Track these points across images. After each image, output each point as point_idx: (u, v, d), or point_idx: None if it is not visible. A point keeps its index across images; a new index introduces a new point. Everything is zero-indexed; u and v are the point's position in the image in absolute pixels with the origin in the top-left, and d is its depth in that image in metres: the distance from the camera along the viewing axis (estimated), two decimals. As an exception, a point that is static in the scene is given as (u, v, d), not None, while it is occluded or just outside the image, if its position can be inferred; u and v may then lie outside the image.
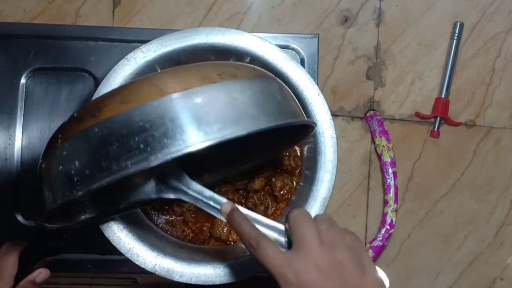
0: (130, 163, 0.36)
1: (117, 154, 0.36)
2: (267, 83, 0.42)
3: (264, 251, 0.40)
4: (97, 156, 0.37)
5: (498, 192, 0.87)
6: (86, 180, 0.37)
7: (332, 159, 0.58)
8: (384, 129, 0.83)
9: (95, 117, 0.37)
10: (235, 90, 0.39)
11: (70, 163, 0.38)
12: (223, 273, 0.56)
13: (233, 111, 0.38)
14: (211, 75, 0.39)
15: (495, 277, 0.87)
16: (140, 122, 0.36)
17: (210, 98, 0.38)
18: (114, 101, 0.37)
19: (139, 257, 0.56)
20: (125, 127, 0.36)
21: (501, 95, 0.87)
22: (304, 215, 0.42)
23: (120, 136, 0.36)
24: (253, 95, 0.40)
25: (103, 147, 0.37)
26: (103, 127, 0.37)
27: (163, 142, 0.36)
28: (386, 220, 0.81)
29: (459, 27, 0.85)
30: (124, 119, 0.36)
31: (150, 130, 0.36)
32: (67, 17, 0.83)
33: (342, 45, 0.86)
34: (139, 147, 0.36)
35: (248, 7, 0.85)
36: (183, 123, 0.36)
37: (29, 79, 0.70)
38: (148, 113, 0.36)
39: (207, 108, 0.37)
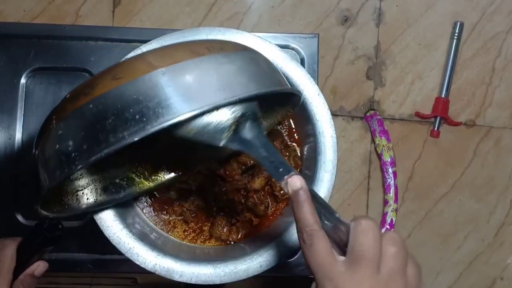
0: (127, 134, 0.37)
1: (113, 126, 0.37)
2: (253, 55, 0.44)
3: (313, 253, 0.36)
4: (93, 131, 0.38)
5: (498, 192, 0.87)
6: (84, 154, 0.38)
7: (332, 159, 0.58)
8: (384, 129, 0.83)
9: (89, 95, 0.38)
10: (224, 61, 0.40)
11: (66, 141, 0.39)
12: (223, 273, 0.56)
13: (224, 80, 0.39)
14: (199, 49, 0.40)
15: (495, 277, 0.87)
16: (134, 95, 0.37)
17: (201, 69, 0.39)
18: (106, 79, 0.38)
19: (139, 256, 0.56)
20: (119, 101, 0.37)
21: (501, 95, 0.87)
22: (373, 229, 0.36)
23: (115, 110, 0.37)
24: (241, 65, 0.41)
25: (99, 121, 0.38)
26: (97, 103, 0.38)
27: (158, 111, 0.37)
28: (386, 220, 0.81)
29: (459, 27, 0.85)
30: (118, 94, 0.38)
31: (144, 101, 0.37)
32: (67, 17, 0.83)
33: (342, 45, 0.86)
34: (134, 118, 0.37)
35: (248, 7, 0.85)
36: (175, 93, 0.37)
37: (29, 79, 0.70)
38: (141, 86, 0.37)
39: (197, 79, 0.38)
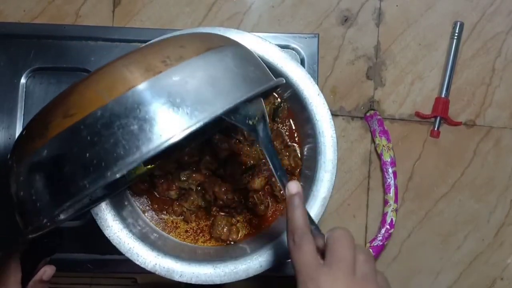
0: (87, 182, 0.33)
1: (72, 175, 0.34)
2: (219, 56, 0.39)
3: (301, 253, 0.39)
4: (52, 180, 0.35)
5: (498, 192, 0.87)
6: (48, 206, 0.35)
7: (332, 159, 0.58)
8: (384, 129, 0.83)
9: (43, 137, 0.35)
10: (184, 75, 0.36)
11: (28, 188, 0.36)
12: (223, 273, 0.56)
13: (183, 102, 0.35)
14: (154, 64, 0.36)
15: (495, 277, 0.87)
16: (88, 136, 0.34)
17: (155, 94, 0.34)
18: (57, 116, 0.35)
19: (139, 257, 0.56)
20: (73, 144, 0.34)
21: (501, 95, 0.87)
22: (347, 237, 0.41)
23: (70, 155, 0.34)
24: (204, 75, 0.36)
25: (56, 169, 0.34)
26: (52, 148, 0.34)
27: (116, 153, 0.33)
28: (386, 220, 0.81)
29: (459, 27, 0.85)
30: (71, 136, 0.34)
31: (99, 143, 0.34)
32: (67, 17, 0.83)
33: (342, 45, 0.86)
34: (92, 163, 0.33)
35: (248, 7, 0.85)
36: (134, 128, 0.34)
37: (29, 79, 0.70)
38: (93, 124, 0.34)
39: (153, 106, 0.34)
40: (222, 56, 0.39)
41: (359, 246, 0.41)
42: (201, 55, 0.37)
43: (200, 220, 0.64)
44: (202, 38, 0.41)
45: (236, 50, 0.41)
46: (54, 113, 0.35)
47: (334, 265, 0.39)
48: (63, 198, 0.34)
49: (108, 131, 0.33)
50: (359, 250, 0.41)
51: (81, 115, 0.34)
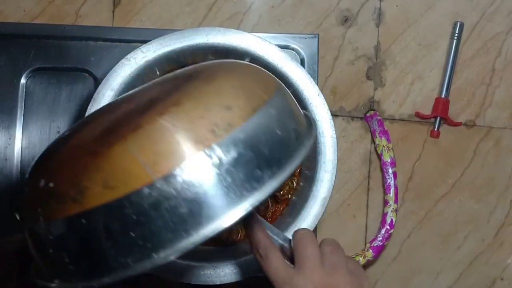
0: (131, 261, 0.31)
1: (113, 249, 0.31)
2: (265, 119, 0.35)
3: (270, 263, 0.42)
4: (89, 249, 0.32)
5: (498, 192, 0.87)
6: (83, 273, 0.33)
7: (332, 159, 0.59)
8: (384, 129, 0.83)
9: (78, 203, 0.31)
10: (232, 148, 0.32)
11: (60, 249, 0.33)
12: (223, 273, 0.56)
13: (233, 181, 0.32)
14: (203, 135, 0.32)
15: (495, 277, 0.87)
16: (133, 215, 0.30)
17: (206, 172, 0.31)
18: (95, 183, 0.31)
19: (139, 257, 0.56)
20: (116, 221, 0.31)
21: (501, 95, 0.87)
22: (308, 236, 0.43)
23: (112, 231, 0.31)
24: (252, 147, 0.33)
25: (94, 241, 0.31)
26: (91, 219, 0.31)
27: (164, 236, 0.31)
28: (386, 220, 0.81)
29: (459, 27, 0.85)
30: (114, 211, 0.31)
31: (146, 223, 0.30)
32: (67, 17, 0.83)
33: (342, 45, 0.86)
34: (137, 243, 0.31)
35: (248, 7, 0.85)
36: (183, 211, 0.31)
37: (29, 79, 0.70)
38: (140, 203, 0.30)
39: (203, 186, 0.31)
40: (267, 117, 0.35)
41: (325, 240, 0.44)
42: (249, 120, 0.34)
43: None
44: (245, 88, 0.37)
45: (277, 103, 0.37)
46: (90, 177, 0.31)
47: (302, 265, 0.41)
48: (103, 271, 0.32)
49: (155, 212, 0.31)
50: (325, 243, 0.43)
51: (124, 190, 0.31)
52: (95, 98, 0.58)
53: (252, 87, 0.37)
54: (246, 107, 0.34)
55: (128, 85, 0.59)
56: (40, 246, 0.35)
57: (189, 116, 0.33)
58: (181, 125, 0.32)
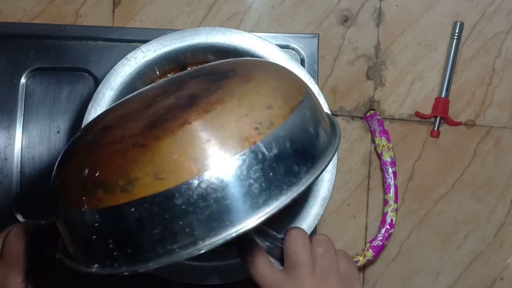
0: (177, 247, 0.33)
1: (161, 237, 0.33)
2: (301, 117, 0.37)
3: (257, 268, 0.41)
4: (137, 236, 0.33)
5: (498, 192, 0.87)
6: (129, 258, 0.34)
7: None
8: (384, 129, 0.83)
9: (128, 193, 0.33)
10: (274, 145, 0.34)
11: (105, 236, 0.34)
12: (223, 273, 0.56)
13: (275, 175, 0.34)
14: (249, 133, 0.34)
15: (495, 277, 0.87)
16: (183, 206, 0.32)
17: (253, 165, 0.33)
18: (146, 174, 0.33)
19: (139, 257, 0.56)
20: (166, 210, 0.33)
21: (501, 95, 0.87)
22: (301, 237, 0.41)
23: (161, 219, 0.33)
24: (290, 144, 0.35)
25: (143, 228, 0.33)
26: (141, 208, 0.33)
27: (210, 225, 0.33)
28: (386, 220, 0.81)
29: (459, 27, 0.85)
30: (164, 201, 0.32)
31: (194, 213, 0.33)
32: (67, 17, 0.83)
33: (342, 45, 0.86)
34: (184, 231, 0.33)
35: (248, 7, 0.85)
36: (229, 202, 0.33)
37: (29, 79, 0.70)
38: (190, 194, 0.32)
39: (250, 179, 0.33)
40: (302, 117, 0.37)
41: (316, 238, 0.42)
42: (287, 119, 0.36)
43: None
44: (282, 88, 0.39)
45: (310, 104, 0.39)
46: (140, 168, 0.33)
47: (292, 269, 0.40)
48: (149, 257, 0.33)
49: (203, 202, 0.32)
50: (316, 242, 0.42)
51: (175, 181, 0.32)
52: (95, 98, 0.58)
53: (287, 88, 0.39)
54: (284, 107, 0.36)
55: (128, 84, 0.59)
56: (80, 232, 0.36)
57: (235, 114, 0.35)
58: (227, 122, 0.34)
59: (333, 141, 0.40)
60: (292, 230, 0.42)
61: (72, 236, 0.37)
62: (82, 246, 0.37)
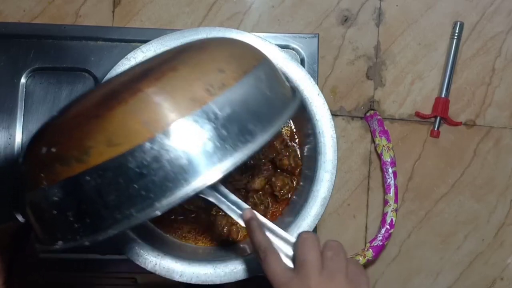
0: (135, 211, 0.33)
1: (117, 202, 0.33)
2: (255, 79, 0.38)
3: (269, 264, 0.43)
4: (94, 205, 0.34)
5: (498, 192, 0.87)
6: (88, 228, 0.34)
7: (332, 159, 0.58)
8: (384, 129, 0.83)
9: (83, 162, 0.33)
10: (226, 105, 0.35)
11: (65, 209, 0.35)
12: (223, 273, 0.56)
13: (228, 133, 0.34)
14: (199, 93, 0.35)
15: (495, 277, 0.87)
16: (137, 168, 0.33)
17: (205, 125, 0.34)
18: (99, 142, 0.33)
19: (139, 257, 0.56)
20: (120, 175, 0.33)
21: (501, 95, 0.87)
22: (311, 239, 0.43)
23: (116, 185, 0.33)
24: (244, 104, 0.36)
25: (99, 196, 0.33)
26: (95, 176, 0.33)
27: (166, 186, 0.33)
28: (386, 220, 0.81)
29: (459, 27, 0.85)
30: (118, 166, 0.33)
31: (148, 175, 0.33)
32: (67, 17, 0.83)
33: (342, 45, 0.86)
34: (140, 194, 0.33)
35: (248, 7, 0.85)
36: (183, 162, 0.33)
37: (29, 79, 0.70)
38: (142, 157, 0.33)
39: (203, 138, 0.34)
40: (256, 79, 0.38)
41: (328, 242, 0.44)
42: (240, 81, 0.37)
43: (200, 220, 0.64)
44: (235, 55, 0.40)
45: (265, 69, 0.40)
46: (93, 138, 0.34)
47: (301, 269, 0.42)
48: (108, 224, 0.34)
49: (157, 164, 0.33)
50: (327, 247, 0.43)
51: (128, 145, 0.33)
52: (95, 98, 0.58)
53: (242, 55, 0.41)
54: (237, 70, 0.37)
55: (128, 85, 0.59)
56: (42, 211, 0.37)
57: (186, 79, 0.35)
58: (178, 86, 0.35)
59: (292, 104, 0.41)
60: (303, 233, 0.44)
61: (37, 218, 0.38)
62: (46, 226, 0.38)
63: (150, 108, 0.34)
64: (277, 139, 0.63)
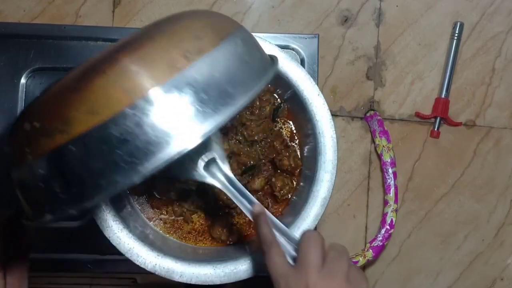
0: (119, 177, 0.34)
1: (102, 170, 0.34)
2: (232, 45, 0.39)
3: (271, 256, 0.44)
4: (79, 174, 0.35)
5: (498, 192, 0.87)
6: (75, 198, 0.35)
7: (332, 159, 0.58)
8: (384, 129, 0.83)
9: (66, 133, 0.34)
10: (205, 70, 0.36)
11: (51, 181, 0.36)
12: (223, 273, 0.56)
13: (209, 97, 0.35)
14: (177, 60, 0.36)
15: (495, 277, 0.87)
16: (119, 135, 0.34)
17: (183, 90, 0.35)
18: (81, 112, 0.34)
19: (139, 257, 0.56)
20: (103, 142, 0.34)
21: (501, 95, 0.87)
22: (315, 238, 0.44)
23: (100, 152, 0.34)
24: (222, 69, 0.37)
25: (83, 164, 0.34)
26: (79, 145, 0.34)
27: (149, 150, 0.34)
28: (386, 220, 0.81)
29: (459, 27, 0.85)
30: (100, 134, 0.34)
31: (131, 141, 0.33)
32: (67, 17, 0.83)
33: (342, 45, 0.86)
34: (124, 160, 0.34)
35: (248, 7, 0.85)
36: (165, 126, 0.34)
37: (29, 79, 0.70)
38: (125, 124, 0.34)
39: (184, 102, 0.35)
40: (234, 45, 0.39)
41: (334, 245, 0.45)
42: (217, 47, 0.38)
43: (200, 221, 0.64)
44: (212, 24, 0.41)
45: (241, 36, 0.41)
46: (75, 109, 0.35)
47: (301, 264, 0.43)
48: (94, 192, 0.35)
49: (139, 129, 0.34)
50: (332, 248, 0.44)
51: (109, 113, 0.34)
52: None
53: (218, 23, 0.42)
54: (214, 37, 0.38)
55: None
56: (29, 185, 0.38)
57: (163, 47, 0.36)
58: (156, 54, 0.36)
59: (270, 69, 0.42)
60: (307, 231, 0.46)
61: (24, 193, 0.39)
62: (33, 200, 0.39)
63: (129, 77, 0.35)
64: (277, 139, 0.63)
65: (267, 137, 0.63)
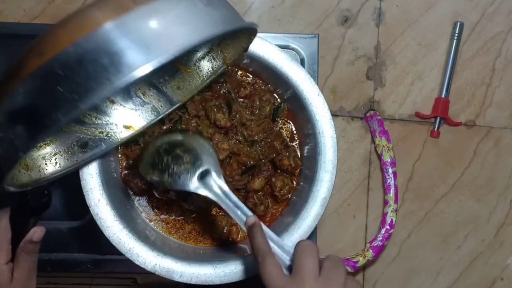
0: (61, 114, 0.36)
1: (47, 108, 0.36)
2: None
3: (265, 268, 0.44)
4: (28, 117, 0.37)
5: (498, 192, 0.87)
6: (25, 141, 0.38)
7: (332, 159, 0.58)
8: (384, 129, 0.83)
9: (17, 77, 0.38)
10: (153, 13, 0.37)
11: (7, 130, 0.39)
12: (223, 273, 0.56)
13: (154, 37, 0.37)
14: (126, 4, 0.38)
15: (495, 277, 0.87)
16: (60, 72, 0.36)
17: (127, 29, 0.36)
18: (32, 55, 0.38)
19: (139, 257, 0.56)
20: (47, 81, 0.37)
21: (501, 95, 0.87)
22: (310, 247, 0.44)
23: (44, 91, 0.37)
24: (174, 14, 0.39)
25: (30, 106, 0.37)
26: (28, 86, 0.37)
27: (88, 86, 0.36)
28: (386, 220, 0.81)
29: (459, 27, 0.85)
30: (45, 73, 0.37)
31: (72, 77, 0.36)
32: (67, 17, 0.83)
33: (342, 45, 0.86)
34: (65, 97, 0.36)
35: (248, 7, 0.85)
36: (101, 63, 0.36)
37: (29, 79, 0.70)
38: (65, 60, 0.36)
39: (125, 41, 0.36)
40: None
41: (330, 256, 0.45)
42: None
43: (200, 221, 0.64)
44: None
45: None
46: (29, 53, 0.38)
47: (297, 274, 0.42)
48: (38, 131, 0.37)
49: (79, 65, 0.36)
50: (328, 259, 0.44)
51: (53, 52, 0.36)
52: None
53: None
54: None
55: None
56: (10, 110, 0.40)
57: None
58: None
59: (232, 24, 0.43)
60: (302, 241, 0.45)
61: None
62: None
63: (77, 19, 0.37)
64: (277, 139, 0.63)
65: (267, 137, 0.63)
